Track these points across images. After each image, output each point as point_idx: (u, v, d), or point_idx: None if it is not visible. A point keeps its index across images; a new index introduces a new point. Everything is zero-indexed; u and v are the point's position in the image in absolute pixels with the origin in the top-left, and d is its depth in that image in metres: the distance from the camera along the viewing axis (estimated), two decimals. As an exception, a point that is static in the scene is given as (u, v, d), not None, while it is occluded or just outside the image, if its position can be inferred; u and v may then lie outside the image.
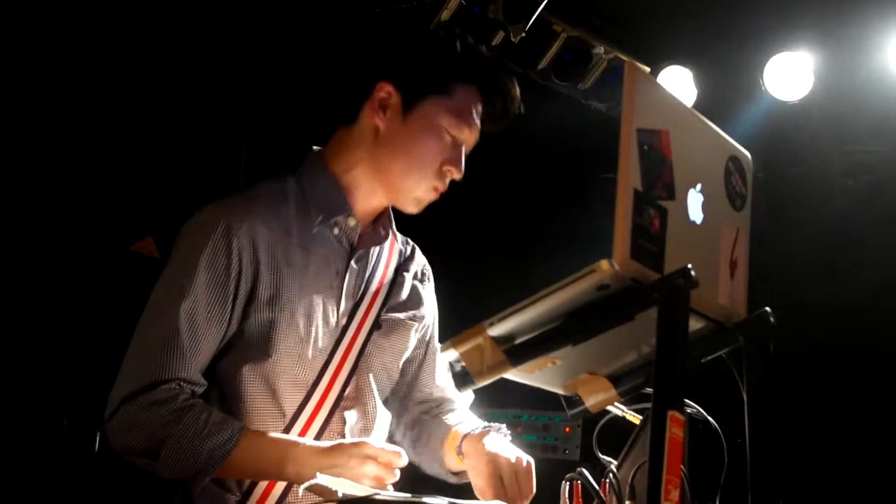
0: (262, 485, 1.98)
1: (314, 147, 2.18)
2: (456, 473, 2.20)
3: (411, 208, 2.13)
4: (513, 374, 1.49)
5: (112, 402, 1.92)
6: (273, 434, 1.95)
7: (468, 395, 2.34)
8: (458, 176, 2.10)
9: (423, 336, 2.29)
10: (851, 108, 3.79)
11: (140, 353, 1.95)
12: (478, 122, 2.11)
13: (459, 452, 2.11)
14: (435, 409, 2.32)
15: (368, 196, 2.13)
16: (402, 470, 1.85)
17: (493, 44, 3.70)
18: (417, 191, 2.09)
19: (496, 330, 1.41)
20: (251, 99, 3.65)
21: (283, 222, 2.04)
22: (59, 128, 3.41)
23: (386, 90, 2.07)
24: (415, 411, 2.31)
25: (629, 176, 1.32)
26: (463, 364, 1.45)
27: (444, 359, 2.30)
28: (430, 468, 2.28)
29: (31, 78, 3.31)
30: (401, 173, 2.07)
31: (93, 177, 3.49)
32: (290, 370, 2.00)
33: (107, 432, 1.94)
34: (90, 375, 3.24)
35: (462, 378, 1.46)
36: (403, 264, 2.26)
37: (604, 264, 1.30)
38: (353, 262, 2.11)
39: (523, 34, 3.59)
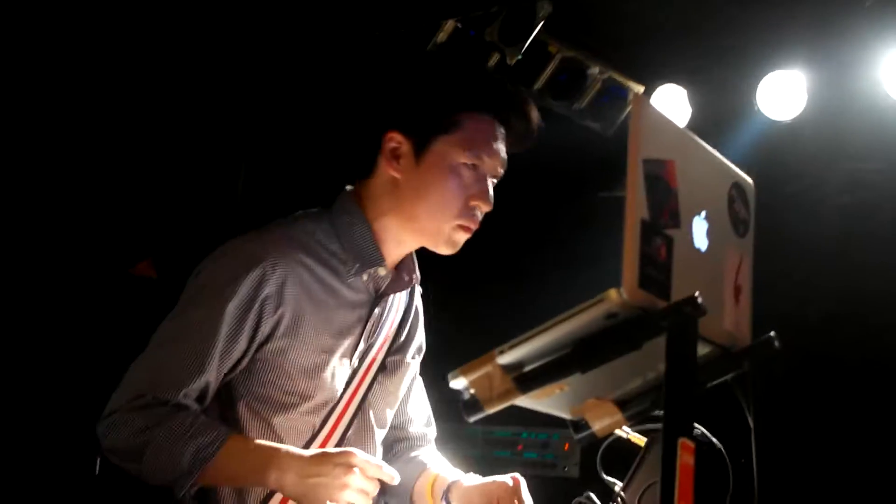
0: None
1: (347, 186, 2.15)
2: None
3: (446, 250, 2.09)
4: (521, 401, 1.50)
5: (109, 407, 1.92)
6: (259, 440, 1.94)
7: (433, 429, 2.36)
8: (486, 208, 2.05)
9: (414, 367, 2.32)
10: (845, 125, 3.81)
11: (145, 368, 1.94)
12: (498, 147, 2.06)
13: (445, 500, 2.12)
14: (407, 440, 2.34)
15: (397, 244, 2.10)
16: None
17: (489, 65, 3.72)
18: (446, 232, 2.05)
19: (505, 358, 1.42)
20: (249, 126, 3.67)
21: (317, 267, 2.02)
22: (59, 151, 3.42)
23: (395, 139, 2.04)
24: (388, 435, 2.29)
25: (636, 206, 1.33)
26: (472, 392, 1.46)
27: (422, 391, 2.33)
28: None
29: (32, 100, 3.32)
30: (426, 218, 2.04)
31: (93, 199, 3.49)
32: (300, 413, 2.01)
33: (98, 434, 1.93)
34: (89, 398, 3.23)
35: (471, 406, 1.47)
36: (409, 302, 2.24)
37: (612, 294, 1.31)
38: (376, 308, 2.10)
39: (519, 56, 3.60)
